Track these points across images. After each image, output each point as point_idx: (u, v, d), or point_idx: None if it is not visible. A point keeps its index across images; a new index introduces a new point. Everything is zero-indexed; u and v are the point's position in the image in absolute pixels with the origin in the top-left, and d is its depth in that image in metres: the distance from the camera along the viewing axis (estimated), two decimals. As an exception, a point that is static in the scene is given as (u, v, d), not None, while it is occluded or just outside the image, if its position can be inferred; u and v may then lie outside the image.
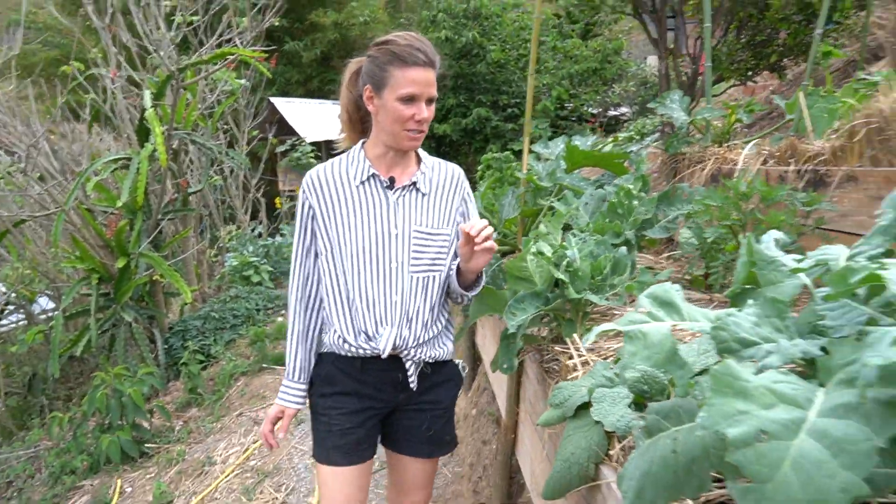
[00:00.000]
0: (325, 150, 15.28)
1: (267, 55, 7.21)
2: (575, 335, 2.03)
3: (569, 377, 1.87)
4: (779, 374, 0.87)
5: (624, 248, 2.20)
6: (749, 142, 3.49)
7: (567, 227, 2.76)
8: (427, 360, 2.06)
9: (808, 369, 0.97)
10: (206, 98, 8.14)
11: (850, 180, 2.45)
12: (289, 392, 2.10)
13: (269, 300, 7.99)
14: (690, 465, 0.98)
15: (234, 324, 7.24)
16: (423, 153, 2.05)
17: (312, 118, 15.48)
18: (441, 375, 2.13)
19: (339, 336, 1.99)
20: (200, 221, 9.37)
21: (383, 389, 2.04)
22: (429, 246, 2.00)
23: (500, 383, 2.98)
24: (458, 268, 2.03)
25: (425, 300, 2.02)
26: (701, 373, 1.32)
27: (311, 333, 2.10)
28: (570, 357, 1.99)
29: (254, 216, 12.37)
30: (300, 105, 16.44)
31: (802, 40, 5.21)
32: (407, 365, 2.03)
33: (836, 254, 1.10)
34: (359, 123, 2.07)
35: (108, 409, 4.97)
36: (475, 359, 4.95)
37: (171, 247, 7.25)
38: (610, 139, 7.17)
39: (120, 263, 6.01)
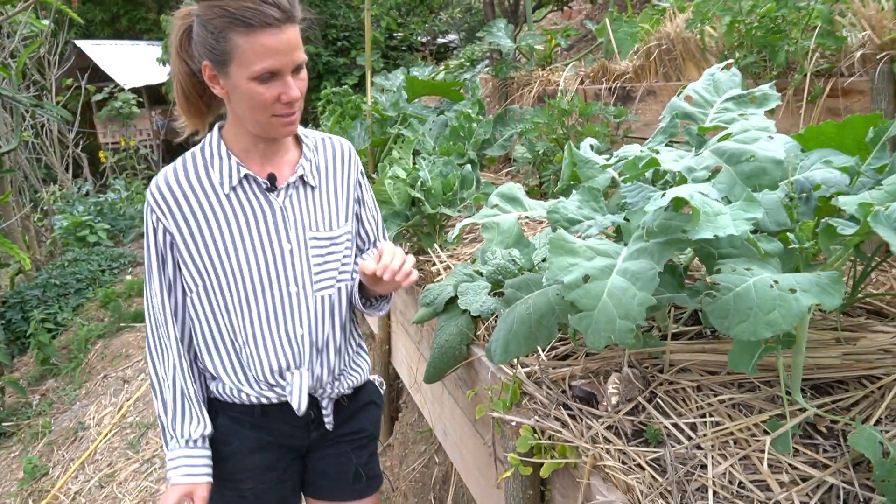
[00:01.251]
0: (146, 96, 14.27)
1: (70, -6, 6.63)
2: (435, 245, 2.31)
3: (434, 281, 2.16)
4: (597, 240, 1.18)
5: (469, 167, 2.49)
6: (568, 64, 3.89)
7: (416, 153, 3.02)
8: (345, 392, 1.64)
9: (617, 235, 1.31)
10: (2, 45, 7.37)
11: (649, 94, 2.89)
12: (193, 463, 1.50)
13: (112, 259, 7.64)
14: (541, 320, 1.30)
15: (79, 288, 6.90)
16: (301, 129, 1.55)
17: (128, 62, 14.30)
18: (359, 401, 1.71)
19: (231, 387, 1.54)
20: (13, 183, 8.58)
21: (292, 434, 1.61)
22: (332, 253, 1.55)
23: (369, 303, 3.23)
24: (360, 283, 1.61)
25: (335, 322, 1.57)
26: (544, 260, 1.65)
27: (200, 382, 1.57)
28: (434, 264, 2.27)
29: (77, 174, 11.46)
30: (111, 48, 15.08)
31: (607, -34, 5.69)
32: (323, 403, 1.61)
33: (633, 151, 1.43)
34: (200, 103, 1.50)
35: (-50, 393, 4.68)
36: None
37: (-11, 214, 6.68)
38: (442, 67, 7.44)
39: (-66, 236, 5.47)
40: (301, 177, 1.51)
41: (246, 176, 1.46)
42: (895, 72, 1.79)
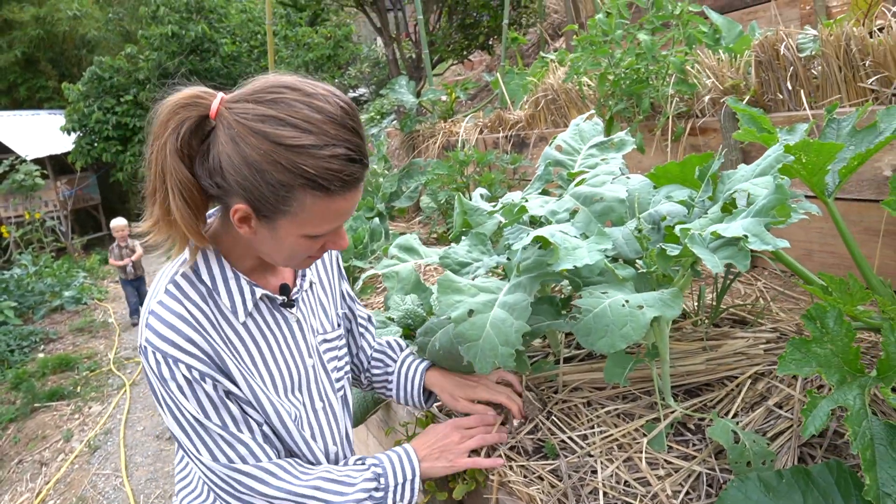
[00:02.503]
0: (50, 166, 13.84)
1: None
2: (351, 296, 2.43)
3: (352, 329, 2.27)
4: (484, 278, 1.34)
5: (377, 220, 2.64)
6: (468, 115, 4.14)
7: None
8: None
9: (503, 273, 1.47)
10: None
11: (541, 140, 3.13)
12: (403, 453, 1.31)
13: (22, 338, 7.32)
14: (450, 353, 1.43)
15: (-14, 370, 6.57)
16: None
17: (29, 132, 13.88)
18: None
19: None
20: None
21: None
22: (340, 348, 1.39)
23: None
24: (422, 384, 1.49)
25: (350, 416, 1.45)
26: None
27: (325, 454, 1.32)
28: (351, 314, 2.39)
29: (-24, 251, 10.96)
30: (10, 119, 14.62)
31: (502, 22, 6.09)
32: None
33: (515, 197, 1.61)
34: (203, 209, 1.11)
35: None
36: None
37: None
38: (354, 123, 7.63)
39: None
40: (310, 282, 1.32)
41: (262, 296, 1.21)
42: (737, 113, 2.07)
